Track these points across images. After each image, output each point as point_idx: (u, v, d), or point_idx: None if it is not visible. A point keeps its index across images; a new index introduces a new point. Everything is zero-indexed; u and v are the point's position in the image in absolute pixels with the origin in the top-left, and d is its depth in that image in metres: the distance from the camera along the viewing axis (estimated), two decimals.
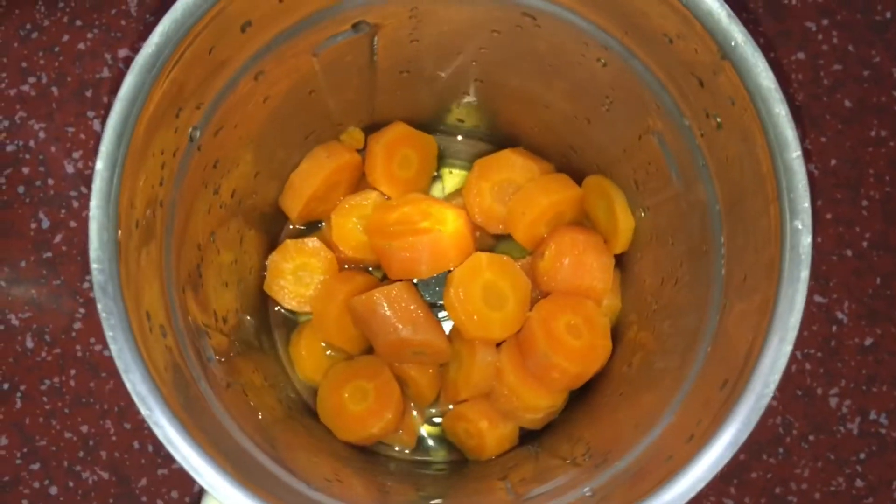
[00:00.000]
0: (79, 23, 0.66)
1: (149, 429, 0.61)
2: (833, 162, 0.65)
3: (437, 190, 0.67)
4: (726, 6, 0.40)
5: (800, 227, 0.39)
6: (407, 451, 0.63)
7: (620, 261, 0.60)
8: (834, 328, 0.64)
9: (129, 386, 0.37)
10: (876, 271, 0.64)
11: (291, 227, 0.64)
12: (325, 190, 0.61)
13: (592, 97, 0.53)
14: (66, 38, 0.66)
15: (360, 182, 0.64)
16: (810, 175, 0.65)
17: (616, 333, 0.59)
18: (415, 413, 0.63)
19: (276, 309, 0.64)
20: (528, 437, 0.61)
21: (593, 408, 0.57)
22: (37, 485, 0.63)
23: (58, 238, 0.64)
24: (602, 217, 0.59)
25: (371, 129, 0.63)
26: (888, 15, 0.66)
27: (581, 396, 0.59)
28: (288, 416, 0.57)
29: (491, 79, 0.57)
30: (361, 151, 0.63)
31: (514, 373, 0.58)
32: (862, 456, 0.63)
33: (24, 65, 0.66)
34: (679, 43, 0.43)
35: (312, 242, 0.62)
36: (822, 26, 0.66)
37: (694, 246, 0.49)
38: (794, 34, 0.67)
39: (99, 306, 0.37)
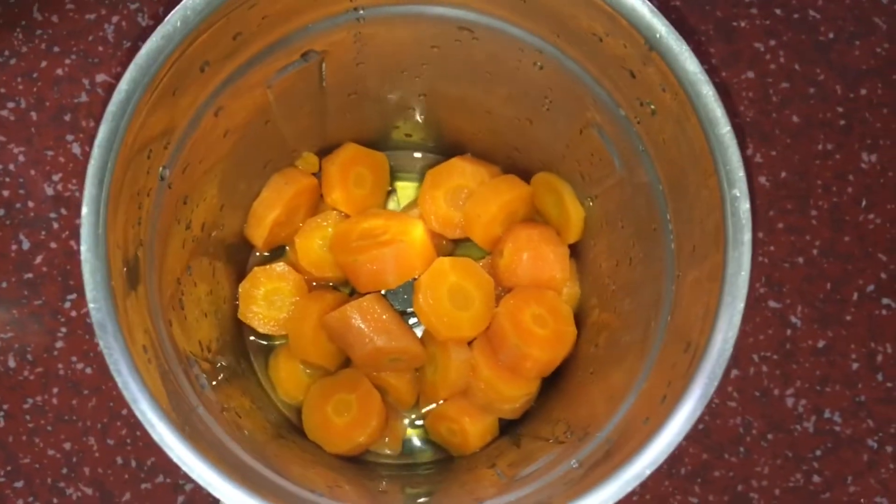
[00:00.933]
0: (56, 49, 0.68)
1: (131, 444, 0.64)
2: (783, 174, 0.69)
3: (393, 204, 0.69)
4: (647, 2, 0.44)
5: (738, 194, 0.42)
6: (394, 456, 0.65)
7: (575, 250, 0.63)
8: (788, 332, 0.68)
9: (139, 415, 0.39)
10: (826, 277, 0.68)
11: (258, 254, 0.67)
12: (287, 215, 0.64)
13: (532, 99, 0.56)
14: (44, 63, 0.68)
15: (318, 204, 0.66)
16: (762, 187, 0.69)
17: (579, 318, 0.62)
18: (398, 419, 0.65)
19: (251, 338, 0.66)
20: (508, 427, 0.64)
21: (567, 390, 0.60)
22: (21, 502, 0.65)
23: (38, 259, 0.66)
24: (553, 211, 0.63)
25: (324, 152, 0.65)
26: (831, 35, 0.71)
27: (554, 381, 0.62)
28: (278, 436, 0.59)
29: (434, 92, 0.60)
30: (317, 175, 0.65)
31: (488, 367, 0.61)
32: (818, 453, 0.67)
33: (2, 90, 0.68)
34: (608, 40, 0.47)
35: (280, 267, 0.64)
36: (769, 47, 0.71)
37: (643, 226, 0.52)
38: (744, 55, 0.71)
39: (101, 344, 0.39)
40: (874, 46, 0.71)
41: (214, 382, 0.54)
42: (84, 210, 0.40)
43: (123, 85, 0.41)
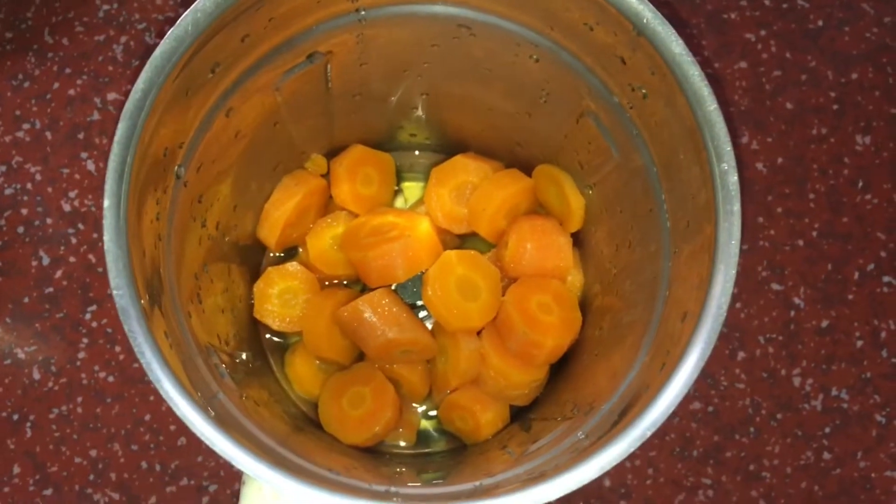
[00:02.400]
0: (68, 70, 0.71)
1: (155, 448, 0.66)
2: (780, 160, 0.71)
3: (399, 202, 0.72)
4: None
5: (726, 167, 0.44)
6: (409, 447, 0.67)
7: (577, 238, 0.65)
8: (792, 313, 0.69)
9: (164, 394, 0.41)
10: (827, 258, 0.70)
11: (271, 255, 0.69)
12: (298, 216, 0.66)
13: (530, 92, 0.58)
14: (56, 85, 0.71)
15: (328, 204, 0.68)
16: (759, 173, 0.71)
17: (584, 304, 0.64)
18: (411, 411, 0.67)
19: (267, 336, 0.68)
20: (518, 413, 0.65)
21: (573, 373, 0.62)
22: None
23: (58, 273, 0.69)
24: (554, 201, 0.65)
25: (332, 154, 0.67)
26: (820, 23, 0.73)
27: (560, 366, 0.64)
28: (296, 428, 0.61)
29: (436, 91, 0.63)
30: (325, 176, 0.68)
31: (498, 355, 0.63)
32: (827, 430, 0.68)
33: (17, 112, 0.71)
34: (599, 29, 0.49)
35: (293, 266, 0.67)
36: (760, 37, 0.73)
37: (639, 208, 0.54)
38: (736, 45, 0.73)
39: (125, 328, 0.41)
40: (863, 31, 0.73)
41: (235, 376, 0.56)
42: (105, 202, 0.42)
43: (140, 84, 0.43)
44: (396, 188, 0.71)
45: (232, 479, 0.68)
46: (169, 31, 0.43)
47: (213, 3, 0.44)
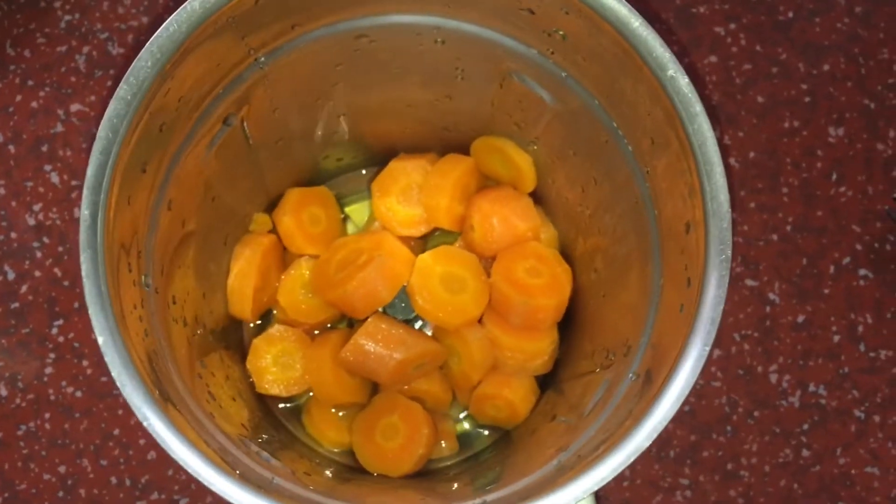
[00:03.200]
0: (31, 82, 0.70)
1: (125, 463, 0.66)
2: (752, 154, 0.70)
3: (350, 229, 0.70)
4: None
5: (672, 74, 0.44)
6: (455, 454, 0.66)
7: (537, 195, 0.65)
8: (767, 308, 0.68)
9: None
10: (801, 252, 0.69)
11: (252, 326, 0.67)
12: (262, 281, 0.64)
13: (444, 75, 0.58)
14: (18, 97, 0.70)
15: (284, 257, 0.67)
16: (731, 168, 0.70)
17: (567, 254, 0.64)
18: (445, 419, 0.66)
19: (280, 406, 0.66)
20: (545, 382, 0.65)
21: (586, 322, 0.62)
22: None
23: (23, 288, 0.68)
24: (501, 169, 0.64)
25: (270, 207, 0.66)
26: (790, 15, 0.72)
27: (569, 321, 0.64)
28: (342, 480, 0.60)
29: (352, 107, 0.61)
30: (273, 230, 0.66)
31: (506, 334, 0.62)
32: (805, 427, 0.68)
33: None
34: None
35: (276, 330, 0.65)
36: (730, 30, 0.72)
37: (593, 145, 0.54)
38: (705, 39, 0.72)
39: (176, 457, 0.39)
40: (834, 22, 0.72)
41: (272, 460, 0.54)
42: (100, 340, 0.40)
43: (85, 210, 0.41)
44: (343, 216, 0.70)
45: (203, 492, 0.67)
46: (92, 147, 0.42)
47: (124, 104, 0.42)
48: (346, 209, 0.71)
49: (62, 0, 0.71)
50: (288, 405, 0.67)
